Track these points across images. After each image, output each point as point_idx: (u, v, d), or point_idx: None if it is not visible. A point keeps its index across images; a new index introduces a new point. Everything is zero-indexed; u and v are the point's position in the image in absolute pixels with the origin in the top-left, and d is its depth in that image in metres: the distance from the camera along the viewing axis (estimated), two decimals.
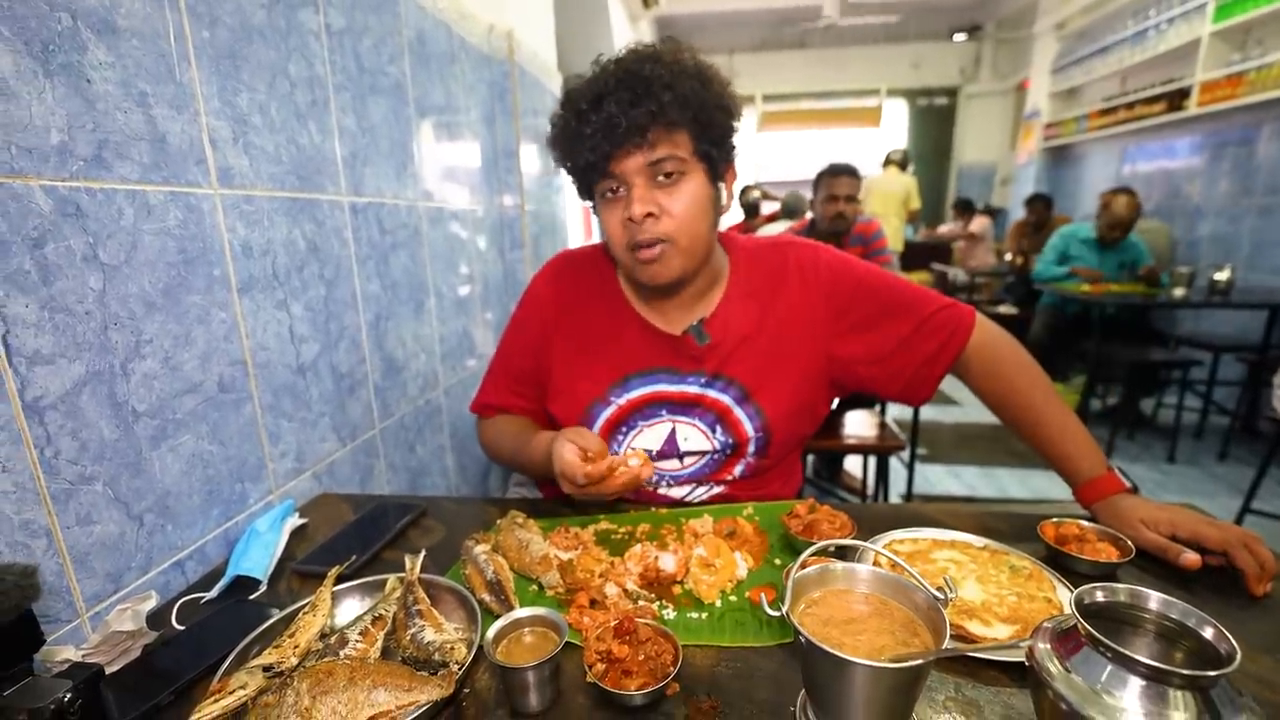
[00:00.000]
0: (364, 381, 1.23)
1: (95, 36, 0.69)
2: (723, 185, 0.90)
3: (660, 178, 0.82)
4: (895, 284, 0.96)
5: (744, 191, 4.63)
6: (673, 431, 0.95)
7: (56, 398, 0.65)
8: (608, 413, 0.96)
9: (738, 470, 0.97)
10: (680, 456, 0.96)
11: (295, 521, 0.92)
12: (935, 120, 7.80)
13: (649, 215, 0.82)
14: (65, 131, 0.66)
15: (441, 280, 1.58)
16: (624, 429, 0.96)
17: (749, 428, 0.94)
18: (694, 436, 0.95)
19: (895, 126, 7.81)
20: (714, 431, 0.95)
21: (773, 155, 7.77)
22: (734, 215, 4.60)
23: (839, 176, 2.43)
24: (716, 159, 0.85)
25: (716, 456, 0.96)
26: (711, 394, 0.94)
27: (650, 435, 0.96)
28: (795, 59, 7.60)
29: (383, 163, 1.29)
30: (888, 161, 5.50)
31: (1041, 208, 4.85)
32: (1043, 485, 2.92)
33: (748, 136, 7.81)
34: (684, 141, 0.82)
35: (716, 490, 0.99)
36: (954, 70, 7.54)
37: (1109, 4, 5.00)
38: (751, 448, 0.95)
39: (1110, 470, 0.82)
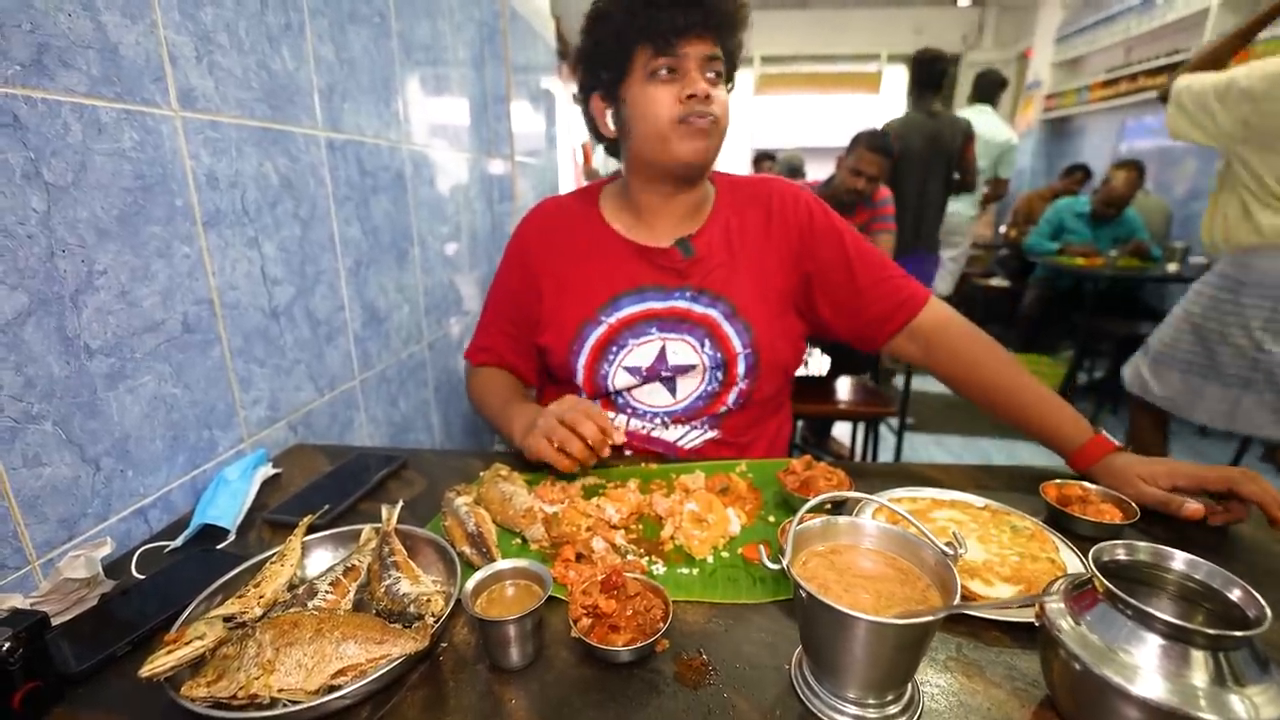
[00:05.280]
0: (343, 330, 1.17)
1: None
2: None
3: (710, 75, 0.87)
4: (861, 242, 0.98)
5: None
6: (662, 349, 0.95)
7: None
8: (599, 332, 0.96)
9: (731, 399, 0.96)
10: (671, 381, 0.96)
11: (268, 471, 0.88)
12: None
13: (708, 96, 0.86)
14: None
15: (426, 229, 1.51)
16: (614, 348, 0.96)
17: (737, 343, 0.94)
18: (683, 351, 0.95)
19: (895, 94, 7.65)
20: (703, 346, 0.95)
21: (769, 120, 7.59)
22: None
23: (876, 154, 2.34)
24: (732, 81, 0.92)
25: (708, 384, 0.95)
26: (699, 309, 0.95)
27: (640, 353, 0.96)
28: (795, 19, 7.36)
29: (363, 98, 1.21)
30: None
31: (1081, 177, 4.63)
32: (1027, 455, 2.95)
33: (745, 99, 7.62)
34: (722, 55, 0.88)
35: (711, 435, 0.97)
36: (956, 37, 7.34)
37: None
38: (741, 366, 0.95)
39: (1098, 432, 0.80)
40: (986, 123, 3.33)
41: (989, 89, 3.43)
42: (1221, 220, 1.69)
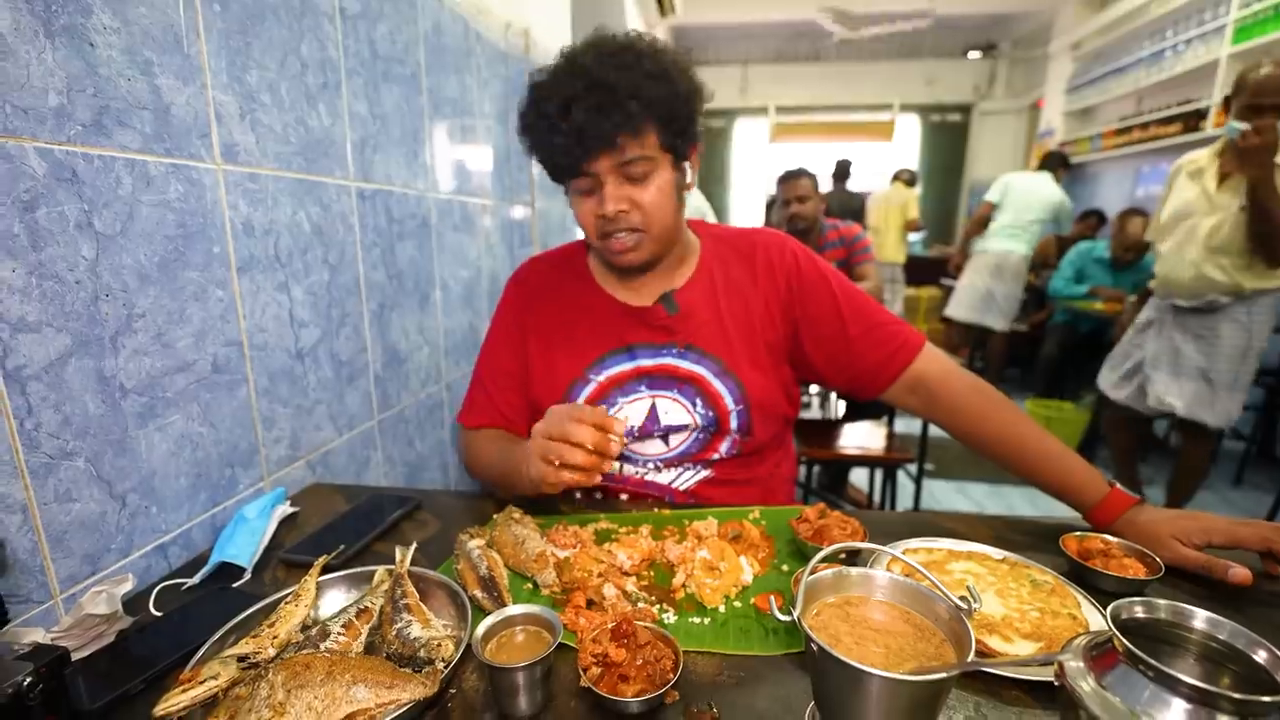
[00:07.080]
0: (364, 371, 1.20)
1: (101, 0, 0.68)
2: (688, 165, 0.92)
3: (635, 173, 0.84)
4: (850, 289, 0.97)
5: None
6: (652, 407, 0.95)
7: (40, 368, 0.63)
8: (588, 390, 0.96)
9: (724, 448, 0.96)
10: (664, 436, 0.95)
11: (286, 510, 0.89)
12: (948, 136, 7.77)
13: (621, 211, 0.84)
14: (64, 94, 0.64)
15: (448, 273, 1.55)
16: (604, 406, 0.96)
17: (729, 400, 0.93)
18: (674, 410, 0.94)
19: (908, 142, 7.79)
20: (694, 405, 0.94)
21: (784, 167, 7.76)
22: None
23: (789, 181, 2.50)
24: (681, 146, 0.88)
25: (701, 436, 0.95)
26: (686, 365, 0.94)
27: (630, 411, 0.96)
28: (810, 72, 7.60)
29: (393, 150, 1.27)
30: (895, 178, 5.49)
31: (1095, 222, 4.65)
32: (1050, 504, 2.86)
33: (760, 147, 7.81)
34: (651, 140, 0.84)
35: (705, 474, 0.97)
36: (968, 87, 7.51)
37: (1125, 25, 4.97)
38: (734, 422, 0.94)
39: (1113, 485, 0.79)
40: (1041, 184, 4.11)
41: (1047, 162, 4.29)
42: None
